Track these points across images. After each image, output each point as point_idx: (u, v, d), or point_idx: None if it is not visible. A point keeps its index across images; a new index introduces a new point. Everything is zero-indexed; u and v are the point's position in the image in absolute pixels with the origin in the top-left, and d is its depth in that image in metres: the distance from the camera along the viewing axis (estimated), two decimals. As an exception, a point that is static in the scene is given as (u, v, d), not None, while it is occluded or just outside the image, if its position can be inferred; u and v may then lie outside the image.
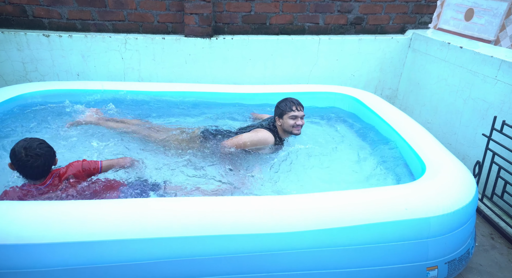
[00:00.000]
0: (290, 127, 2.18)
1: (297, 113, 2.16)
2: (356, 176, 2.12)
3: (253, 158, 2.15)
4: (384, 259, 1.48)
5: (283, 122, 2.20)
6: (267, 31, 3.08)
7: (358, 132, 2.61)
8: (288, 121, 2.17)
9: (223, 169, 2.06)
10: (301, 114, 2.18)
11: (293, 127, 2.17)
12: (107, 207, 1.40)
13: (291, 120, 2.16)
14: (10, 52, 2.74)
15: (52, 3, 2.74)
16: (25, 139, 1.59)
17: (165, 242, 1.33)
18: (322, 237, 1.40)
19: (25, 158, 1.52)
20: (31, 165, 1.53)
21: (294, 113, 2.15)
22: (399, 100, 3.42)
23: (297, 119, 2.17)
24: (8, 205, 1.39)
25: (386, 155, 2.27)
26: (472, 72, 2.48)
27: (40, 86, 2.65)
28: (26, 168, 1.54)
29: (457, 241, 1.57)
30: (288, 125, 2.18)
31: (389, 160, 2.22)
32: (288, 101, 2.20)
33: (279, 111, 2.20)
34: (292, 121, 2.16)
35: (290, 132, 2.21)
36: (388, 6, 3.16)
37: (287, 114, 2.16)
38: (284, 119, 2.18)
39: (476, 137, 2.47)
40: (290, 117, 2.16)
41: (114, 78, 2.94)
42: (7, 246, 1.25)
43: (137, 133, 2.33)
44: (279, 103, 2.23)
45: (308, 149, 2.30)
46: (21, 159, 1.52)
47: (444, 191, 1.56)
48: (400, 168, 2.12)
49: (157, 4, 2.84)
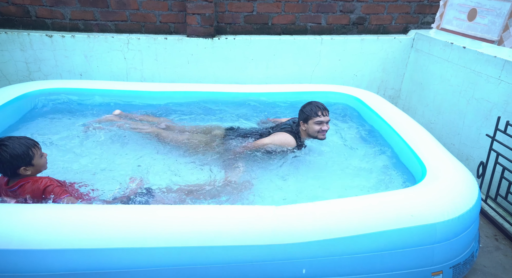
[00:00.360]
0: (315, 132, 2.12)
1: (322, 119, 2.09)
2: (355, 178, 2.09)
3: (262, 163, 2.12)
4: (388, 265, 1.46)
5: (308, 127, 2.14)
6: (269, 31, 3.08)
7: (359, 133, 2.60)
8: (313, 127, 2.11)
9: (238, 171, 2.04)
10: (327, 119, 2.12)
11: (318, 132, 2.12)
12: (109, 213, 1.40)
13: (317, 126, 2.10)
14: (13, 52, 2.75)
15: (55, 4, 2.75)
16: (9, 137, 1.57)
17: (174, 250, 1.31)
18: (327, 246, 1.38)
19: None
20: None
21: (320, 118, 2.09)
22: (402, 100, 3.40)
23: (322, 125, 2.11)
24: (13, 208, 1.39)
25: (386, 157, 2.25)
26: (476, 72, 2.47)
27: (47, 84, 2.67)
28: None
29: (462, 245, 1.56)
30: (313, 131, 2.12)
31: (389, 162, 2.20)
32: (313, 105, 2.13)
33: (304, 116, 2.14)
34: (318, 127, 2.10)
35: (315, 137, 2.16)
36: (391, 6, 3.15)
37: (312, 119, 2.10)
38: (309, 124, 2.12)
39: (479, 138, 2.45)
40: (315, 122, 2.10)
41: (116, 78, 2.95)
42: (12, 251, 1.25)
43: (155, 134, 2.31)
44: (304, 108, 2.16)
45: (307, 153, 2.28)
46: None
47: (448, 196, 1.55)
48: (400, 170, 2.10)
49: (159, 4, 2.84)
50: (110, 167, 2.06)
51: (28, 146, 1.57)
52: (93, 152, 2.19)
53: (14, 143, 1.54)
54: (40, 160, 1.63)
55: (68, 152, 2.17)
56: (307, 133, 2.18)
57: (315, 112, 2.09)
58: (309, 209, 1.46)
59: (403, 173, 2.08)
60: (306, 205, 1.48)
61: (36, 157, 1.60)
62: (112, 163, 2.10)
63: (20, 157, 1.54)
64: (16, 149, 1.53)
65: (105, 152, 2.19)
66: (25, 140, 1.59)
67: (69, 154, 2.15)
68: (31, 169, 1.60)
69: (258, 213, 1.42)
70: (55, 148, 2.18)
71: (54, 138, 2.28)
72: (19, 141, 1.56)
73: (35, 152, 1.59)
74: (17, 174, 1.58)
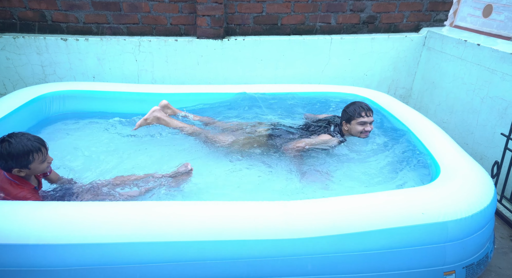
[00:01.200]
0: (358, 133, 2.13)
1: (366, 119, 2.10)
2: (368, 177, 2.08)
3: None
4: (400, 264, 1.45)
5: (351, 128, 2.14)
6: (279, 31, 3.08)
7: (371, 133, 2.57)
8: (356, 127, 2.11)
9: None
10: (371, 120, 2.11)
11: (361, 133, 2.12)
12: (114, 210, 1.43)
13: (360, 126, 2.10)
14: (30, 56, 2.85)
15: (70, 8, 2.83)
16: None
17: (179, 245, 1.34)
18: (339, 242, 1.39)
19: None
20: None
21: (363, 119, 2.09)
22: (413, 99, 3.35)
23: (366, 125, 2.11)
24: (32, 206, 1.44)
25: (399, 156, 2.22)
26: (490, 70, 2.41)
27: (61, 86, 2.72)
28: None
29: (475, 245, 1.53)
30: (356, 131, 2.13)
31: (402, 161, 2.17)
32: (356, 106, 2.12)
33: (347, 116, 2.14)
34: (361, 127, 2.10)
35: (357, 137, 2.17)
36: (402, 4, 3.11)
37: (355, 120, 2.10)
38: (352, 124, 2.12)
39: (494, 137, 2.39)
40: (359, 123, 2.10)
41: (128, 80, 3.01)
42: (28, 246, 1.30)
43: (199, 135, 2.31)
44: (347, 108, 2.16)
45: (319, 153, 2.27)
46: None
47: (461, 194, 1.52)
48: (413, 169, 2.07)
49: (170, 6, 2.89)
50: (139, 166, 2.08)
51: (30, 150, 1.48)
52: (120, 153, 2.23)
53: (19, 143, 1.47)
54: (39, 165, 1.55)
55: (91, 153, 2.23)
56: (349, 133, 2.18)
57: (358, 113, 2.09)
58: (319, 205, 1.46)
59: (416, 172, 2.05)
60: (316, 201, 1.48)
61: (35, 162, 1.52)
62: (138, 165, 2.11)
63: (17, 158, 1.47)
64: (17, 150, 1.45)
65: (135, 154, 2.23)
66: (32, 142, 1.51)
67: (88, 155, 2.21)
68: (26, 171, 1.53)
69: (269, 208, 1.43)
70: (72, 149, 2.25)
71: (70, 139, 2.36)
72: (25, 142, 1.48)
73: (36, 158, 1.51)
74: (10, 171, 1.52)
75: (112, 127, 2.53)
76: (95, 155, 2.20)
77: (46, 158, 1.58)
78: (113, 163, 2.12)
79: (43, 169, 1.58)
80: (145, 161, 2.16)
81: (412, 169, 2.09)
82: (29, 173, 1.55)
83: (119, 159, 2.17)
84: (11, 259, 1.29)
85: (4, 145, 1.47)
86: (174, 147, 2.30)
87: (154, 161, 2.15)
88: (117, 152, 2.24)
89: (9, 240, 1.29)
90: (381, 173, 2.11)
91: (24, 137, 1.51)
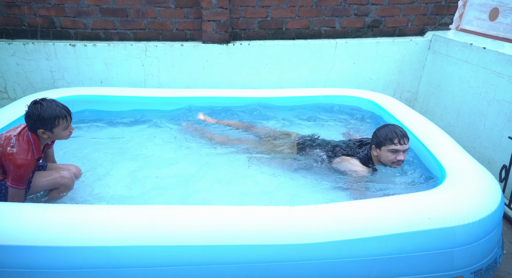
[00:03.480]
0: (388, 161, 1.87)
1: (399, 147, 1.81)
2: (374, 182, 2.07)
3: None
4: (406, 270, 1.44)
5: (381, 154, 1.88)
6: (284, 36, 3.10)
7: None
8: (387, 155, 1.85)
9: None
10: (405, 148, 1.83)
11: (392, 162, 1.85)
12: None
13: (391, 154, 1.84)
14: (39, 61, 2.90)
15: (78, 15, 2.88)
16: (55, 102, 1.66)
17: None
18: (344, 248, 1.38)
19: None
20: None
21: (396, 146, 1.81)
22: (419, 103, 3.33)
23: (398, 154, 1.83)
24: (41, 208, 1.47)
25: (405, 160, 2.21)
26: (497, 73, 2.39)
27: (70, 91, 2.77)
28: None
29: (483, 250, 1.50)
30: (387, 160, 1.87)
31: (407, 165, 2.16)
32: (389, 130, 1.84)
33: (377, 141, 1.87)
34: (392, 156, 1.83)
35: (388, 165, 1.90)
36: (407, 8, 3.11)
37: (386, 146, 1.83)
38: (383, 150, 1.86)
39: (501, 140, 2.37)
40: (390, 150, 1.83)
41: (134, 85, 3.05)
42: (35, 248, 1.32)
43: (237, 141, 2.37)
44: (379, 131, 1.88)
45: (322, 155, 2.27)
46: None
47: (468, 198, 1.51)
48: (419, 174, 2.06)
49: (176, 12, 2.93)
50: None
51: (58, 115, 1.63)
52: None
53: (49, 107, 1.61)
54: (62, 132, 1.69)
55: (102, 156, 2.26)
56: (378, 160, 1.92)
57: (390, 139, 1.81)
58: (324, 210, 1.46)
59: (422, 176, 2.03)
60: (321, 206, 1.48)
61: (59, 128, 1.66)
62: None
63: (45, 120, 1.61)
64: (46, 113, 1.60)
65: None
66: (60, 108, 1.65)
67: (97, 162, 2.24)
68: (49, 134, 1.66)
69: (273, 213, 1.43)
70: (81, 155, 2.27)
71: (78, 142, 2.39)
72: (54, 108, 1.62)
73: (61, 123, 1.65)
74: (35, 131, 1.65)
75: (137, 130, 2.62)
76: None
77: (68, 127, 1.72)
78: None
79: (64, 136, 1.72)
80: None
81: (418, 173, 2.08)
82: (51, 136, 1.69)
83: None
84: (19, 260, 1.31)
85: (36, 106, 1.61)
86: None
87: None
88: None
89: (17, 241, 1.31)
90: (386, 177, 2.10)
91: (54, 103, 1.66)
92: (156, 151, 2.34)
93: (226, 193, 1.95)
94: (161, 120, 2.75)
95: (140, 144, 2.43)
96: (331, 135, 2.61)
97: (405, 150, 1.85)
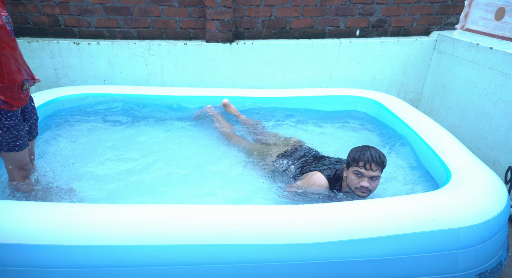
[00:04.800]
0: (352, 185, 1.67)
1: (363, 171, 1.61)
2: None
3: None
4: (410, 271, 1.42)
5: (348, 175, 1.69)
6: (287, 35, 3.09)
7: (380, 137, 2.55)
8: (351, 177, 1.65)
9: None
10: (371, 175, 1.61)
11: (355, 187, 1.65)
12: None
13: (355, 178, 1.64)
14: (43, 59, 2.91)
15: (82, 13, 2.89)
16: None
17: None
18: (346, 248, 1.37)
19: None
20: None
21: (360, 169, 1.61)
22: (424, 103, 3.31)
23: (362, 179, 1.62)
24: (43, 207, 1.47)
25: (409, 161, 2.20)
26: (504, 73, 2.37)
27: (73, 90, 2.79)
28: None
29: (488, 252, 1.49)
30: (351, 183, 1.67)
31: (412, 166, 2.15)
32: (360, 150, 1.64)
33: (347, 160, 1.70)
34: (356, 180, 1.63)
35: (352, 190, 1.70)
36: (412, 8, 3.08)
37: (352, 167, 1.64)
38: (349, 171, 1.67)
39: (508, 142, 2.34)
40: (354, 172, 1.63)
41: (138, 83, 3.05)
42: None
43: (227, 136, 2.45)
44: (352, 150, 1.69)
45: (325, 152, 2.26)
46: None
47: (473, 200, 1.49)
48: (423, 175, 2.04)
49: (180, 11, 2.92)
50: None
51: None
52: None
53: None
54: None
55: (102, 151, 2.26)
56: (346, 182, 1.73)
57: (356, 160, 1.62)
58: (327, 210, 1.44)
59: (426, 177, 2.02)
60: (323, 206, 1.47)
61: None
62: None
63: None
64: None
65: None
66: None
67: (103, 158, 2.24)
68: None
69: (276, 213, 1.42)
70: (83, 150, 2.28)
71: (82, 139, 2.39)
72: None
73: None
74: None
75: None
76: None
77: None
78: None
79: None
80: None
81: (422, 174, 2.06)
82: None
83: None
84: (22, 259, 1.31)
85: None
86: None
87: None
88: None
89: (20, 240, 1.31)
90: (390, 178, 2.08)
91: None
92: (156, 149, 2.34)
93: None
94: (163, 118, 2.75)
95: (143, 142, 2.43)
96: (332, 135, 2.60)
97: (372, 177, 1.62)
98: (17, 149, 1.65)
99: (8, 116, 1.58)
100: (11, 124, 1.60)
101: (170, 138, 2.51)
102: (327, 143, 2.46)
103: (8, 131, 1.59)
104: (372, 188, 1.65)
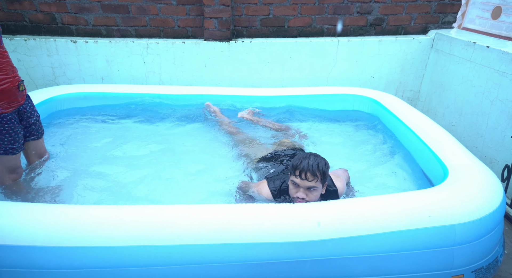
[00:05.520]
0: (291, 194, 1.59)
1: (298, 181, 1.51)
2: (375, 180, 2.07)
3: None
4: (406, 267, 1.43)
5: (289, 184, 1.60)
6: (286, 34, 3.09)
7: (378, 135, 2.56)
8: (290, 186, 1.57)
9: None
10: (305, 184, 1.50)
11: (293, 197, 1.57)
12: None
13: (293, 187, 1.55)
14: (40, 57, 2.89)
15: (80, 11, 2.87)
16: None
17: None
18: (343, 245, 1.38)
19: None
20: None
21: (295, 179, 1.52)
22: (421, 102, 3.32)
23: (298, 189, 1.53)
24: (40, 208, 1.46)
25: (406, 158, 2.21)
26: (500, 72, 2.38)
27: (71, 88, 2.78)
28: None
29: (484, 249, 1.50)
30: (290, 192, 1.58)
31: (409, 163, 2.16)
32: (299, 159, 1.53)
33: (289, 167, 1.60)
34: (293, 189, 1.55)
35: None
36: (410, 6, 3.09)
37: (290, 176, 1.56)
38: (289, 180, 1.58)
39: (504, 140, 2.36)
40: (292, 181, 1.55)
41: (136, 82, 3.04)
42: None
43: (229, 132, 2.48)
44: (295, 157, 1.58)
45: (323, 151, 2.27)
46: None
47: (469, 196, 1.50)
48: (420, 172, 2.06)
49: (178, 9, 2.91)
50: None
51: None
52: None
53: None
54: None
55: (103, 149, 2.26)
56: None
57: (293, 168, 1.52)
58: (323, 207, 1.45)
59: (423, 175, 2.03)
60: (321, 204, 1.47)
61: None
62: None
63: None
64: None
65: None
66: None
67: (103, 156, 2.24)
68: None
69: (274, 211, 1.43)
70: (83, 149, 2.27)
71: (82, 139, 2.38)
72: None
73: None
74: None
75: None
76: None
77: None
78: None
79: None
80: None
81: (418, 171, 2.07)
82: None
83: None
84: (19, 260, 1.30)
85: None
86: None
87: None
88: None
89: (16, 241, 1.30)
90: (387, 175, 2.09)
91: None
92: (154, 148, 2.34)
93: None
94: (162, 117, 2.75)
95: (141, 140, 2.43)
96: (330, 133, 2.61)
97: (307, 188, 1.51)
98: (13, 152, 1.65)
99: (7, 119, 1.59)
100: (10, 127, 1.61)
101: (168, 136, 2.51)
102: (324, 142, 2.47)
103: (7, 134, 1.60)
104: (309, 199, 1.52)
